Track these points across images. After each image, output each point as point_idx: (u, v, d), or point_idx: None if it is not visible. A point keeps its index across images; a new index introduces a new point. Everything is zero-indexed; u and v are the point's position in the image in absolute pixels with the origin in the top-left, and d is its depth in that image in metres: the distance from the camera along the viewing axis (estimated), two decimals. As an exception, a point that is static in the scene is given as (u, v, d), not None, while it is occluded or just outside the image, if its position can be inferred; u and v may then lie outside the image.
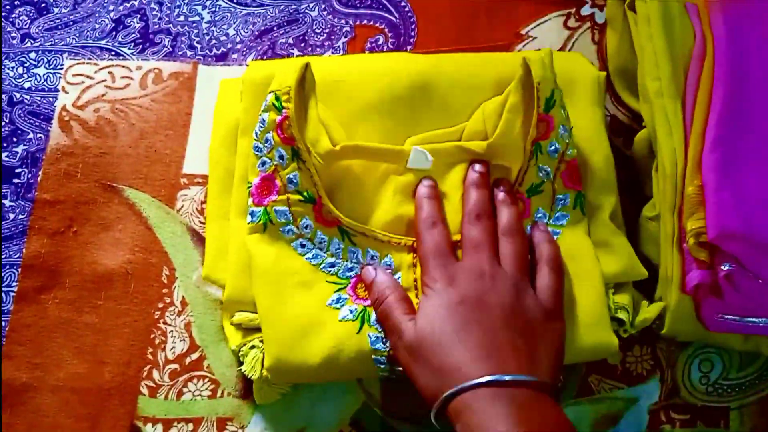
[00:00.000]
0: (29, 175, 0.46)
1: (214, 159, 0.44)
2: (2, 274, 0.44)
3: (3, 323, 0.43)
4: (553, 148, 0.41)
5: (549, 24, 0.51)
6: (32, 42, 0.50)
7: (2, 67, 0.49)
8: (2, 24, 0.50)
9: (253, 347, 0.40)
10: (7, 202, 0.46)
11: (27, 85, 0.48)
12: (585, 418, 0.42)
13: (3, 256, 0.45)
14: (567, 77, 0.44)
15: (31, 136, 0.47)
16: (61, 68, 0.49)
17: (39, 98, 0.48)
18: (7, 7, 0.50)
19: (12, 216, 0.45)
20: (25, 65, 0.49)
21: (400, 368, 0.37)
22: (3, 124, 0.48)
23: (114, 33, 0.50)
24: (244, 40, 0.50)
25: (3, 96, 0.48)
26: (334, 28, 0.50)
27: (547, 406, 0.33)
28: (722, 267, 0.38)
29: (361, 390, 0.42)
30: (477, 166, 0.41)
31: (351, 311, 0.39)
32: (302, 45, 0.50)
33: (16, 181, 0.46)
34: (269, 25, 0.50)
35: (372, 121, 0.43)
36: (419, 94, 0.43)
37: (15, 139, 0.47)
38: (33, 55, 0.49)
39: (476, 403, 0.32)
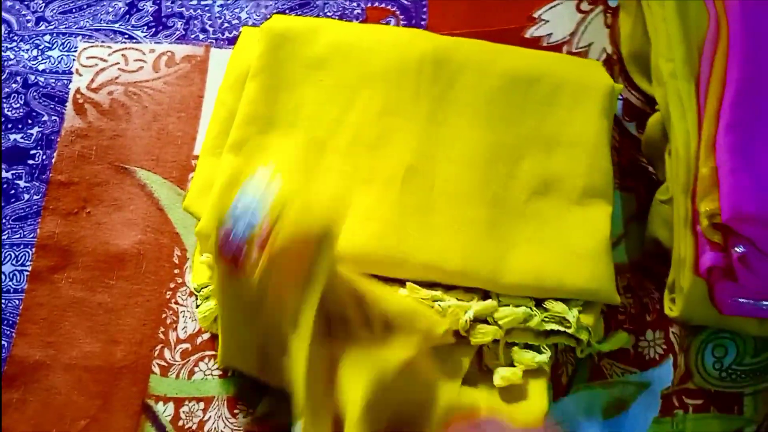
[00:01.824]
0: (44, 157, 0.47)
1: (220, 99, 0.45)
2: (17, 253, 0.45)
3: (17, 302, 0.44)
4: None
5: (561, 7, 0.50)
6: (47, 25, 0.50)
7: (17, 49, 0.49)
8: (17, 7, 0.51)
9: (209, 296, 0.40)
10: (22, 183, 0.46)
11: (41, 67, 0.49)
12: (597, 402, 0.42)
13: (18, 236, 0.45)
14: (580, 83, 0.44)
15: (45, 118, 0.48)
16: (75, 51, 0.49)
17: (53, 80, 0.49)
18: (23, -10, 0.51)
19: (27, 197, 0.46)
20: (40, 48, 0.49)
21: None
22: (18, 106, 0.48)
23: (127, 16, 0.50)
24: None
25: (18, 78, 0.49)
26: (345, 11, 0.50)
27: None
28: (736, 249, 0.37)
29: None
30: None
31: None
32: (314, 28, 0.50)
33: (31, 162, 0.47)
34: (281, 9, 0.50)
35: (377, 89, 0.43)
36: (428, 70, 0.43)
37: (30, 121, 0.48)
38: (47, 37, 0.50)
39: None
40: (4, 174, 0.46)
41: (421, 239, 0.40)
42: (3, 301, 0.44)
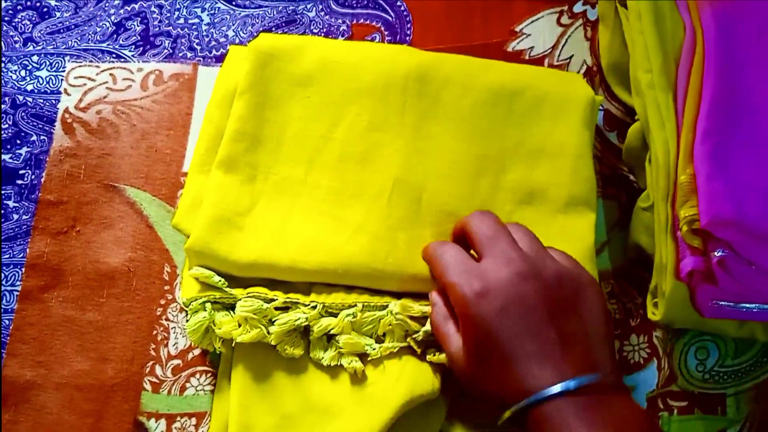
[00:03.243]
0: (33, 177, 0.47)
1: (207, 116, 0.45)
2: (6, 273, 0.45)
3: (7, 322, 0.44)
4: None
5: (542, 21, 0.52)
6: (34, 45, 0.50)
7: (5, 70, 0.50)
8: (5, 28, 0.51)
9: (198, 310, 0.40)
10: (11, 203, 0.46)
11: (30, 87, 0.49)
12: (584, 407, 0.43)
13: (7, 257, 0.45)
14: (562, 95, 0.45)
15: (34, 138, 0.48)
16: (63, 71, 0.50)
17: (42, 101, 0.49)
18: (10, 11, 0.51)
19: (16, 217, 0.46)
20: (28, 68, 0.50)
21: None
22: (6, 126, 0.48)
23: (115, 36, 0.51)
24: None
25: (6, 99, 0.49)
26: (331, 28, 0.51)
27: (624, 402, 0.35)
28: (715, 253, 0.38)
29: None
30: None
31: None
32: (300, 45, 0.51)
33: (19, 182, 0.47)
34: (268, 26, 0.51)
35: (363, 105, 0.44)
36: (413, 85, 0.44)
37: (18, 141, 0.48)
38: (35, 58, 0.50)
39: (556, 415, 0.33)
40: (-8, 194, 0.46)
41: (410, 251, 0.41)
42: (-7, 321, 0.44)
